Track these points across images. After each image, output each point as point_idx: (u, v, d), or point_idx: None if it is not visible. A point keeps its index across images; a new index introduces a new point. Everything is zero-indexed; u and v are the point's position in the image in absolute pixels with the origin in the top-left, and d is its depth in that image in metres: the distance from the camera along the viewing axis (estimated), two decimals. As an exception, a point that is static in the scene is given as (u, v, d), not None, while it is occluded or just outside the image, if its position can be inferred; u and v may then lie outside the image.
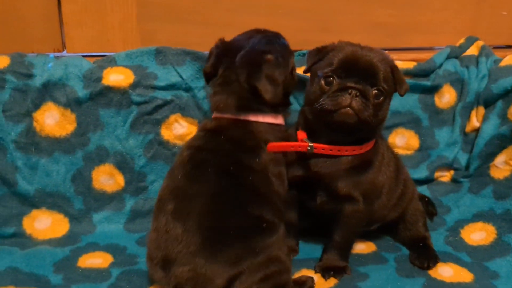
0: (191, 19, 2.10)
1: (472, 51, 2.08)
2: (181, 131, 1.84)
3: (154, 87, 1.82)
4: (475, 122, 1.96)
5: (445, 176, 2.01)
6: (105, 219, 1.81)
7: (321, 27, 2.17)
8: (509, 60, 1.96)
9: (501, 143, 1.85)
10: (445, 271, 1.58)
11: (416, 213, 1.72)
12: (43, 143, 1.77)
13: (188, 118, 1.85)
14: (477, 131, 1.94)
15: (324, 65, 1.46)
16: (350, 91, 1.40)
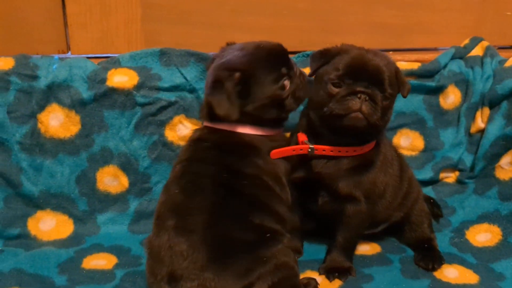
0: (195, 20, 2.11)
1: (476, 51, 2.07)
2: (185, 132, 1.84)
3: (158, 88, 1.82)
4: (480, 123, 1.95)
5: (450, 177, 2.00)
6: (109, 220, 1.81)
7: (324, 28, 2.16)
8: (514, 60, 1.96)
9: (506, 144, 1.84)
10: (450, 272, 1.57)
11: (421, 214, 1.72)
12: (48, 145, 1.77)
13: (192, 119, 1.85)
14: (482, 132, 1.94)
15: (330, 69, 1.46)
16: (359, 96, 1.41)
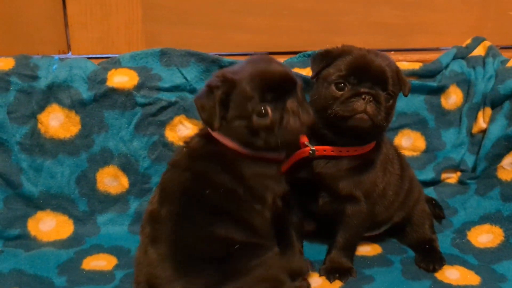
0: (196, 20, 2.10)
1: (478, 51, 2.07)
2: (185, 132, 1.83)
3: (158, 89, 1.82)
4: (482, 123, 1.94)
5: (451, 177, 1.99)
6: (109, 221, 1.80)
7: (325, 28, 2.16)
8: (516, 60, 1.95)
9: (508, 144, 1.83)
10: (451, 273, 1.56)
11: (422, 215, 1.71)
12: (48, 145, 1.77)
13: (192, 119, 1.84)
14: (484, 132, 1.93)
15: (333, 71, 1.46)
16: (364, 97, 1.41)
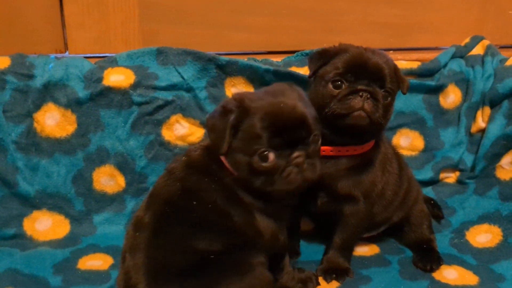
0: (194, 20, 2.10)
1: (477, 50, 2.05)
2: (182, 131, 1.83)
3: (155, 88, 1.81)
4: (480, 122, 1.93)
5: (450, 177, 1.98)
6: (105, 221, 1.80)
7: (324, 27, 2.15)
8: (515, 59, 1.94)
9: (507, 143, 1.82)
10: (449, 273, 1.55)
11: (421, 215, 1.70)
12: (44, 144, 1.76)
13: (189, 118, 1.83)
14: (482, 131, 1.92)
15: (330, 69, 1.46)
16: (361, 94, 1.40)
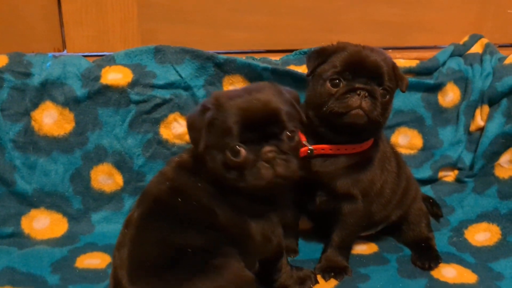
0: (192, 19, 2.10)
1: (476, 49, 2.05)
2: (180, 130, 1.82)
3: (153, 86, 1.81)
4: (479, 121, 1.93)
5: (449, 176, 1.98)
6: (103, 219, 1.79)
7: (323, 26, 2.15)
8: (514, 57, 1.94)
9: (506, 142, 1.82)
10: (448, 272, 1.55)
11: (419, 213, 1.70)
12: (42, 143, 1.76)
13: (187, 117, 1.83)
14: (481, 130, 1.92)
15: (328, 67, 1.45)
16: (359, 92, 1.40)
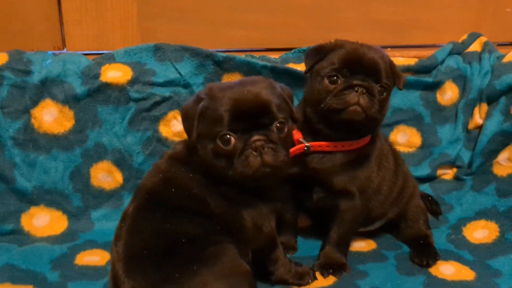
0: (192, 17, 2.10)
1: (474, 47, 2.06)
2: (179, 128, 1.83)
3: (152, 84, 1.81)
4: (478, 119, 1.93)
5: (447, 173, 1.98)
6: (103, 217, 1.80)
7: (322, 25, 2.16)
8: (512, 56, 1.94)
9: (504, 139, 1.82)
10: (446, 269, 1.55)
11: (417, 210, 1.70)
12: (41, 140, 1.77)
13: (186, 115, 1.83)
14: (480, 128, 1.92)
15: (326, 65, 1.46)
16: (356, 89, 1.40)
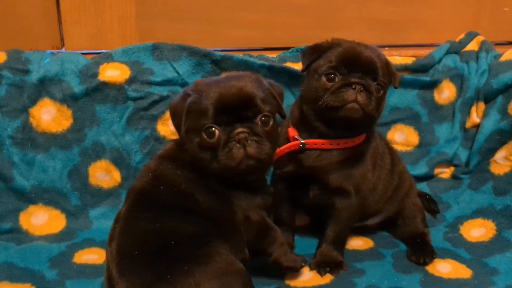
0: (190, 16, 2.10)
1: (472, 46, 2.06)
2: (177, 127, 1.83)
3: (150, 83, 1.81)
4: (475, 117, 1.94)
5: (445, 172, 1.99)
6: (101, 215, 1.80)
7: (320, 24, 2.16)
8: (509, 55, 1.94)
9: (501, 138, 1.83)
10: (443, 267, 1.56)
11: (414, 208, 1.71)
12: (40, 139, 1.77)
13: (184, 114, 1.84)
14: (477, 127, 1.92)
15: (323, 63, 1.47)
16: (354, 86, 1.41)
